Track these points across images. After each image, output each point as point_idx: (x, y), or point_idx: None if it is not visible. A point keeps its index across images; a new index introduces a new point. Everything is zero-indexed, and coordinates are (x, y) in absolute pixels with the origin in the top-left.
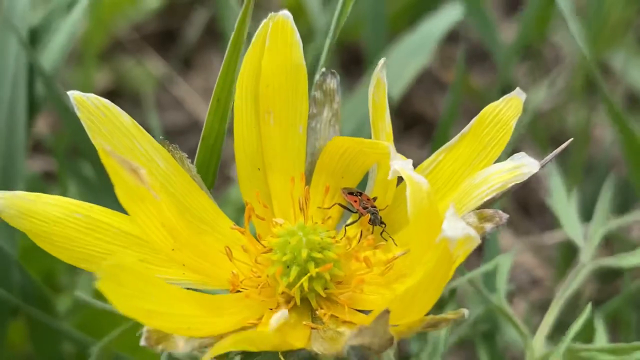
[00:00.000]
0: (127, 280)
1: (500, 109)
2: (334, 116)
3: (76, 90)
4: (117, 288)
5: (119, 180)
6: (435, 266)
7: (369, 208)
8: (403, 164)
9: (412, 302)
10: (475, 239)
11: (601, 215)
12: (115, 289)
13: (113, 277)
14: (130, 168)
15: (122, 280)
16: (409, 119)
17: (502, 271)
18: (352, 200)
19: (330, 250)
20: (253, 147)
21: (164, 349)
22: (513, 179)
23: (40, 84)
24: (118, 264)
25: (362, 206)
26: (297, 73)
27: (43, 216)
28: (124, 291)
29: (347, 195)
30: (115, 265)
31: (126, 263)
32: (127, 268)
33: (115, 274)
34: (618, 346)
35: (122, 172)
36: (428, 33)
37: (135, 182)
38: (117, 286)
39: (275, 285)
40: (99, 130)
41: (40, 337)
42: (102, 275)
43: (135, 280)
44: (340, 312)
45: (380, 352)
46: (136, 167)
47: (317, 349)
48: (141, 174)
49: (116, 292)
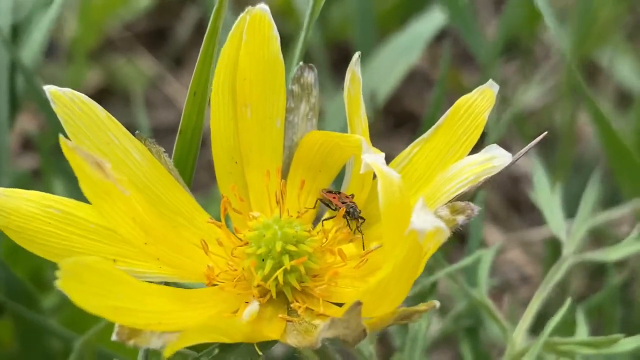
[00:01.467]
0: (89, 278)
1: (473, 100)
2: (312, 110)
3: (52, 85)
4: (78, 286)
5: (83, 175)
6: (404, 258)
7: (347, 202)
8: (374, 157)
9: (384, 295)
10: (445, 231)
11: (585, 210)
12: (76, 287)
13: (74, 276)
14: (94, 162)
15: (83, 279)
16: (399, 117)
17: (484, 265)
18: (331, 197)
19: (305, 244)
20: (230, 141)
21: (136, 344)
22: (486, 171)
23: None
24: (79, 262)
25: (341, 201)
26: (274, 67)
27: (18, 212)
28: (87, 289)
29: (326, 193)
30: (76, 264)
31: (88, 261)
32: (89, 266)
33: (77, 273)
34: (597, 339)
35: (85, 166)
36: (417, 33)
37: (99, 176)
38: (78, 284)
39: (250, 279)
40: (75, 124)
41: (26, 335)
42: (63, 274)
43: (97, 278)
44: (316, 305)
45: (354, 344)
46: (100, 161)
47: (291, 341)
48: (106, 169)
49: (78, 291)
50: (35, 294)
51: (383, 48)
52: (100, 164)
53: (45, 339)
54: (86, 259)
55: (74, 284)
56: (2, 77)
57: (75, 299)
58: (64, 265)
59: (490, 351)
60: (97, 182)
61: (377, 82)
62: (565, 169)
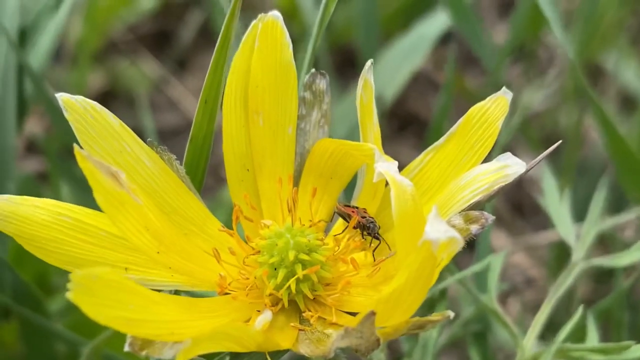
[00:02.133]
0: (101, 291)
1: (487, 108)
2: (323, 117)
3: (65, 93)
4: (90, 299)
5: (97, 185)
6: (418, 269)
7: (367, 217)
8: (387, 166)
9: (397, 304)
10: (459, 241)
11: (594, 215)
12: (88, 300)
13: (85, 288)
14: (109, 172)
15: (95, 291)
16: (403, 119)
17: (493, 271)
18: (350, 211)
19: (317, 252)
20: (242, 148)
21: (149, 354)
22: (499, 180)
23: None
24: (90, 274)
25: (360, 216)
26: (286, 74)
27: (29, 219)
28: (98, 301)
29: (344, 207)
30: (87, 276)
31: (98, 273)
32: (100, 278)
33: (88, 285)
34: (608, 346)
35: (99, 176)
36: (422, 35)
37: (113, 186)
38: (90, 297)
39: (262, 288)
40: (87, 133)
41: (32, 338)
42: (74, 286)
43: (109, 290)
44: (328, 314)
45: (367, 353)
46: (115, 171)
47: (304, 350)
48: (120, 178)
49: (90, 303)
50: (41, 298)
51: (387, 50)
52: (115, 173)
53: (51, 342)
54: (97, 270)
55: (85, 297)
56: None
57: (87, 311)
58: (75, 278)
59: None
60: (111, 192)
61: (382, 85)
62: (570, 172)
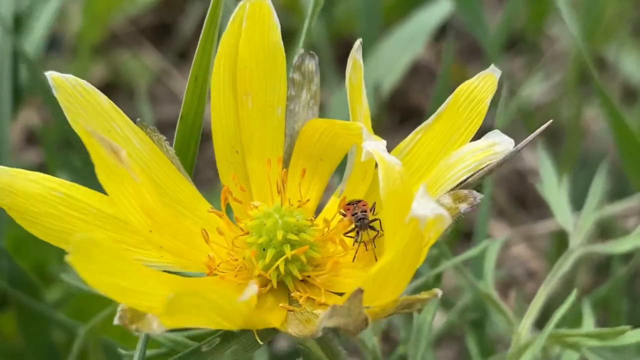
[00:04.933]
0: (98, 256)
1: (475, 86)
2: (313, 98)
3: (54, 71)
4: (87, 264)
5: (100, 161)
6: (405, 246)
7: (357, 214)
8: (375, 144)
9: (385, 283)
10: (446, 218)
11: (593, 201)
12: (85, 264)
13: (84, 252)
14: (111, 148)
15: (93, 256)
16: (404, 112)
17: (490, 257)
18: (346, 209)
19: (306, 233)
20: (231, 130)
21: (138, 328)
22: (488, 157)
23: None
24: (89, 239)
25: (352, 213)
26: (274, 54)
27: (23, 192)
28: (95, 267)
29: (346, 205)
30: (86, 240)
31: (97, 238)
32: (98, 244)
33: (86, 249)
34: (603, 331)
35: (102, 152)
36: (421, 24)
37: (115, 162)
38: (87, 262)
39: (251, 268)
40: (76, 112)
41: (30, 327)
42: (73, 249)
43: (106, 256)
44: (317, 294)
45: (355, 333)
46: (117, 147)
47: (292, 330)
48: (121, 155)
49: (87, 268)
50: (39, 286)
51: (387, 39)
52: (116, 150)
53: (49, 331)
54: (96, 236)
55: (84, 261)
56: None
57: (84, 275)
58: (75, 241)
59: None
60: (113, 168)
61: (381, 73)
62: (571, 164)
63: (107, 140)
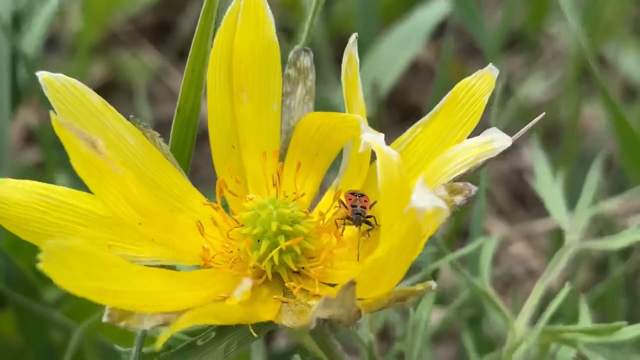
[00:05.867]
0: (73, 262)
1: (472, 84)
2: (308, 94)
3: (44, 71)
4: (62, 270)
5: (74, 152)
6: (403, 238)
7: (357, 207)
8: (374, 136)
9: (380, 274)
10: (444, 210)
11: (588, 195)
12: (60, 270)
13: (57, 259)
14: (87, 140)
15: (67, 262)
16: (404, 110)
17: (486, 254)
18: (348, 198)
19: (300, 224)
20: (227, 125)
21: (128, 325)
22: (484, 153)
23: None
24: (61, 245)
25: (352, 204)
26: (269, 50)
27: (8, 199)
28: (70, 273)
29: (347, 194)
30: (59, 247)
31: (70, 244)
32: (71, 249)
33: (60, 256)
34: (600, 327)
35: (76, 143)
36: (420, 21)
37: (90, 152)
38: (61, 268)
39: (246, 260)
40: (67, 110)
41: (28, 327)
42: (45, 256)
43: (81, 261)
44: (311, 286)
45: (349, 324)
46: (93, 139)
47: (286, 322)
48: (98, 145)
49: (61, 274)
50: (37, 286)
51: (385, 38)
52: (93, 141)
53: (47, 331)
54: (68, 241)
55: (57, 267)
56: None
57: (58, 281)
58: (46, 248)
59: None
60: (90, 159)
61: (380, 72)
62: (570, 162)
63: (82, 131)
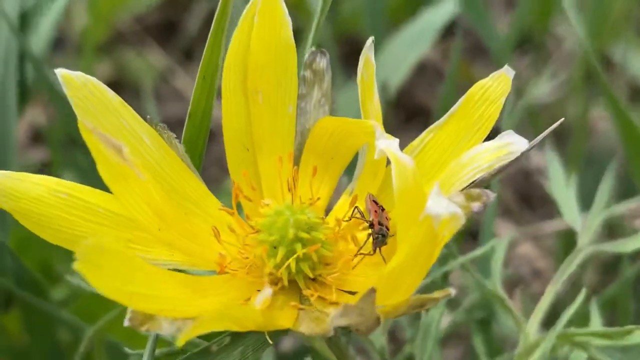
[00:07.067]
0: (107, 262)
1: (488, 86)
2: (324, 96)
3: (63, 68)
4: (96, 270)
5: (101, 158)
6: (419, 245)
7: (383, 229)
8: (388, 142)
9: (398, 282)
10: (460, 217)
11: (601, 199)
12: (94, 270)
13: (92, 259)
14: (113, 146)
15: (101, 262)
16: (410, 111)
17: (497, 256)
18: (374, 209)
19: (317, 231)
20: (242, 127)
21: (149, 329)
22: (501, 157)
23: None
24: (98, 244)
25: (379, 221)
26: (286, 52)
27: (27, 195)
28: (104, 273)
29: (372, 202)
30: (94, 246)
31: (106, 244)
32: (107, 249)
33: (95, 255)
34: (611, 330)
35: (104, 149)
36: (428, 23)
37: (117, 159)
38: (96, 268)
39: (262, 266)
40: (86, 108)
41: (35, 326)
42: (81, 256)
43: (115, 262)
44: (328, 293)
45: (367, 333)
46: (119, 145)
47: (304, 329)
48: (124, 152)
49: (95, 274)
50: (44, 285)
51: (393, 39)
52: (119, 147)
53: (54, 330)
54: (105, 241)
55: (92, 267)
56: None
57: (92, 281)
58: (82, 248)
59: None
60: (115, 165)
61: (388, 73)
62: (577, 163)
63: (108, 137)
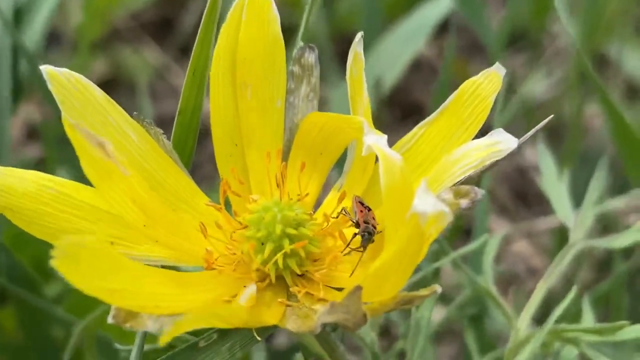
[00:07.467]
0: (86, 260)
1: (479, 83)
2: (312, 91)
3: (48, 65)
4: (75, 268)
5: (85, 155)
6: (406, 243)
7: (369, 227)
8: (376, 139)
9: (384, 279)
10: (447, 214)
11: (593, 195)
12: (73, 268)
13: (71, 257)
14: (97, 142)
15: (80, 260)
16: (405, 108)
17: (489, 252)
18: (359, 209)
19: (305, 227)
20: (230, 122)
21: (132, 327)
22: (490, 155)
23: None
24: (75, 242)
25: (364, 220)
26: (274, 46)
27: (14, 189)
28: (83, 271)
29: (358, 203)
30: (73, 244)
31: (84, 242)
32: (85, 247)
33: (74, 254)
34: (603, 326)
35: (87, 145)
36: (423, 19)
37: (101, 156)
38: (75, 266)
39: (250, 263)
40: (71, 104)
41: (29, 322)
42: (58, 253)
43: (93, 259)
44: (316, 289)
45: (354, 329)
46: (102, 141)
47: (290, 326)
48: (107, 149)
49: (75, 272)
50: (38, 282)
51: (389, 35)
52: (102, 143)
53: (48, 326)
54: (83, 239)
55: (70, 265)
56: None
57: (71, 279)
58: (60, 245)
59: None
60: (99, 162)
61: (383, 69)
62: (572, 160)
63: (92, 133)
